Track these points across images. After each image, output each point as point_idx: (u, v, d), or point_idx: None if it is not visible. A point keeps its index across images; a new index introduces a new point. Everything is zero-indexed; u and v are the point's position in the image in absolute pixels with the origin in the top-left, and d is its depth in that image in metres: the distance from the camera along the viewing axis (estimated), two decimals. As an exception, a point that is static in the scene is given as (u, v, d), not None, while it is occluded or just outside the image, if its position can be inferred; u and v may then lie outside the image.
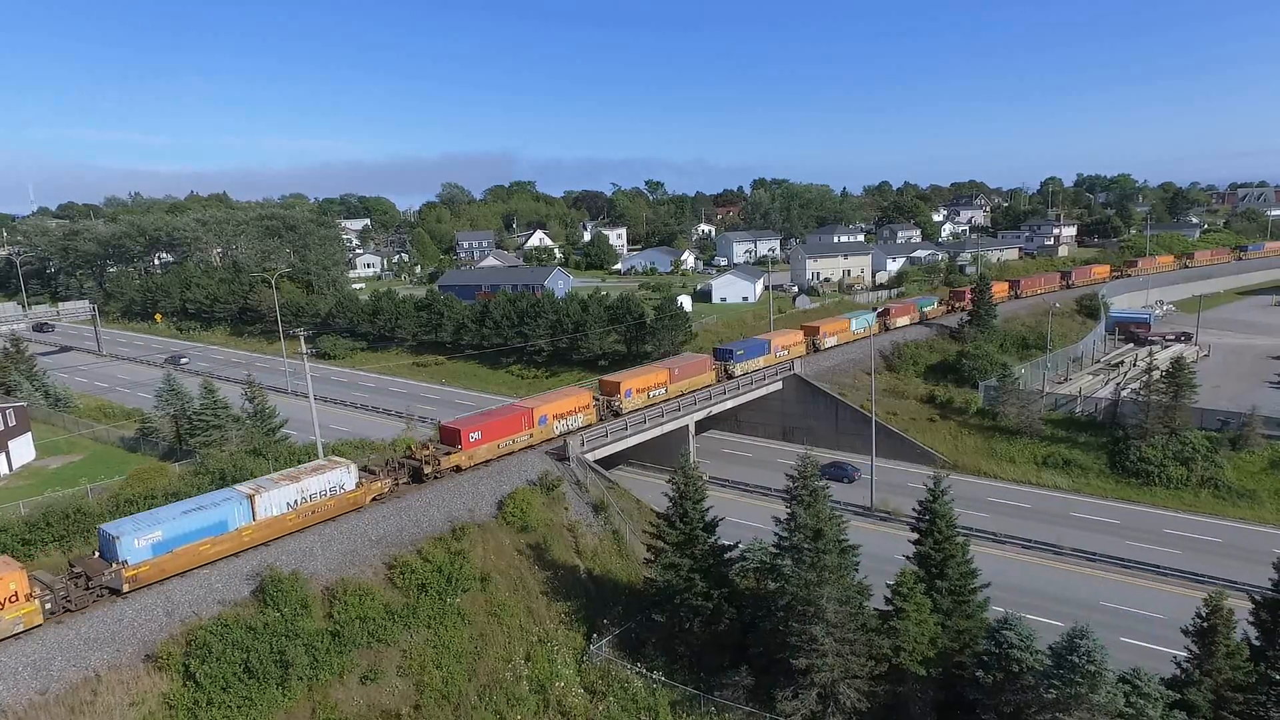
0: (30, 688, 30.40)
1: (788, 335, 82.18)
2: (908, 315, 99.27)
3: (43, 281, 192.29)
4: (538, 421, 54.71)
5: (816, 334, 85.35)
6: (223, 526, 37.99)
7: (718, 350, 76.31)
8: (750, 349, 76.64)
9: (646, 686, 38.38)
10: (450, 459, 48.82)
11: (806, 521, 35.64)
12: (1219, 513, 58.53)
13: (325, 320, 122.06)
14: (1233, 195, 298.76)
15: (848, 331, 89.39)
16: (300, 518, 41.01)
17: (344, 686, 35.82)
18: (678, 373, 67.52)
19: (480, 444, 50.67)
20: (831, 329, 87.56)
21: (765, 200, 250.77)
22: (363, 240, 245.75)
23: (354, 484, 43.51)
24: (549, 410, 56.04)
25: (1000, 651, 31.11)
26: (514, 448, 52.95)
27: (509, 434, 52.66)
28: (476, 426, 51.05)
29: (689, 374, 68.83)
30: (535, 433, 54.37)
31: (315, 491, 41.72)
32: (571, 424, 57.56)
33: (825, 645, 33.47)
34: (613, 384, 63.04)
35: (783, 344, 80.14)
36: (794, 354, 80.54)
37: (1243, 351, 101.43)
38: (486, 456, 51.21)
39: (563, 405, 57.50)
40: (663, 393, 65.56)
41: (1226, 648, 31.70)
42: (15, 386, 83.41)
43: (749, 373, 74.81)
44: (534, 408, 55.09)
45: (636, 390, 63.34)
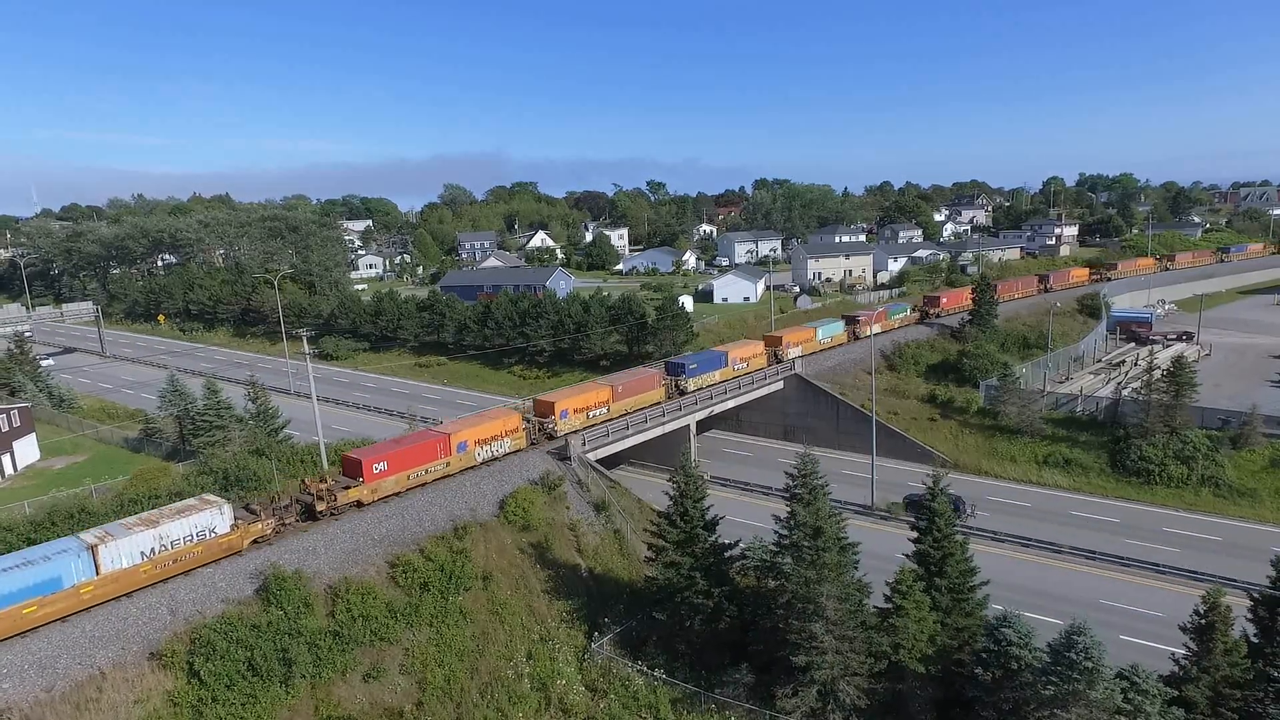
0: (36, 685, 30.68)
1: (746, 346, 77.79)
2: (878, 323, 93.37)
3: (46, 283, 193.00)
4: (455, 449, 49.26)
5: (779, 344, 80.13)
6: (55, 584, 32.92)
7: (669, 364, 71.71)
8: (704, 362, 71.98)
9: (647, 684, 38.57)
10: (350, 493, 43.90)
11: (806, 519, 35.83)
12: (1219, 511, 58.63)
13: (327, 321, 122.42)
14: (1235, 195, 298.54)
15: (813, 341, 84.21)
16: (158, 569, 36.02)
17: (347, 684, 36.07)
18: (621, 390, 62.38)
19: (386, 476, 45.44)
20: (795, 339, 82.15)
21: (766, 200, 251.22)
22: (364, 241, 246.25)
23: (228, 526, 38.68)
24: (470, 435, 50.48)
25: (999, 649, 31.28)
26: (427, 479, 47.58)
27: (421, 463, 47.33)
28: (381, 456, 45.69)
29: (635, 391, 63.77)
30: (453, 461, 49.01)
31: (179, 538, 36.76)
32: (497, 449, 52.01)
33: (825, 643, 33.65)
34: (546, 404, 57.59)
35: (741, 356, 75.65)
36: (754, 366, 76.52)
37: (1244, 350, 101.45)
38: (394, 490, 45.92)
39: (487, 429, 51.78)
40: (604, 412, 60.39)
41: (1224, 645, 31.83)
42: (20, 387, 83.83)
43: (702, 388, 70.12)
44: (451, 433, 49.62)
45: (574, 411, 58.17)
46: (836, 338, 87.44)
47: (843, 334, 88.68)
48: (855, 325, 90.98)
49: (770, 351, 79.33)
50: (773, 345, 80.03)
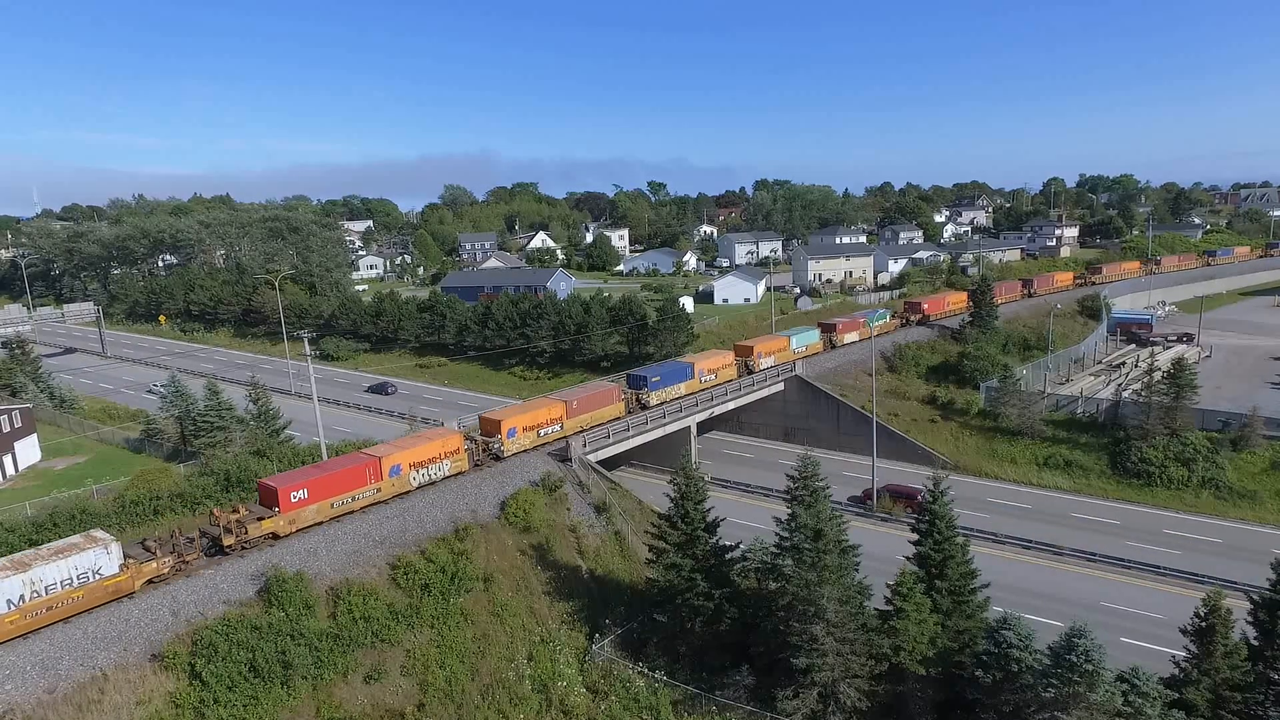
0: (39, 686, 30.72)
1: (715, 357, 74.18)
2: (856, 331, 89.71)
3: (47, 283, 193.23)
4: (387, 473, 45.57)
5: (750, 354, 76.15)
6: None
7: (630, 376, 67.85)
8: (668, 374, 68.05)
9: (648, 686, 38.64)
10: (264, 525, 40.14)
11: (807, 522, 35.88)
12: (1220, 513, 58.67)
13: (328, 322, 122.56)
14: (1235, 195, 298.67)
15: (786, 351, 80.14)
16: (27, 618, 31.98)
17: (348, 686, 36.12)
18: (576, 405, 58.55)
19: (306, 504, 41.62)
20: (768, 348, 78.29)
21: (767, 201, 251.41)
22: (365, 242, 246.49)
23: (117, 567, 34.81)
24: (404, 458, 46.66)
25: (999, 651, 31.32)
26: (354, 506, 43.93)
27: (347, 490, 43.63)
28: (301, 483, 41.85)
29: (592, 406, 60.06)
30: (384, 487, 45.29)
31: (55, 581, 32.73)
32: (435, 473, 48.22)
33: (826, 645, 33.71)
34: (492, 422, 53.51)
35: (709, 367, 71.75)
36: (723, 377, 72.66)
37: (1244, 352, 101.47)
38: (315, 519, 42.06)
39: (423, 451, 47.93)
40: (558, 429, 56.73)
41: (1225, 647, 31.87)
42: (21, 388, 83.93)
43: (666, 402, 66.36)
44: (382, 456, 45.80)
45: (523, 429, 54.36)
46: (812, 346, 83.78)
47: (818, 343, 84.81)
48: (832, 333, 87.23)
49: (741, 362, 75.53)
50: (743, 355, 76.23)
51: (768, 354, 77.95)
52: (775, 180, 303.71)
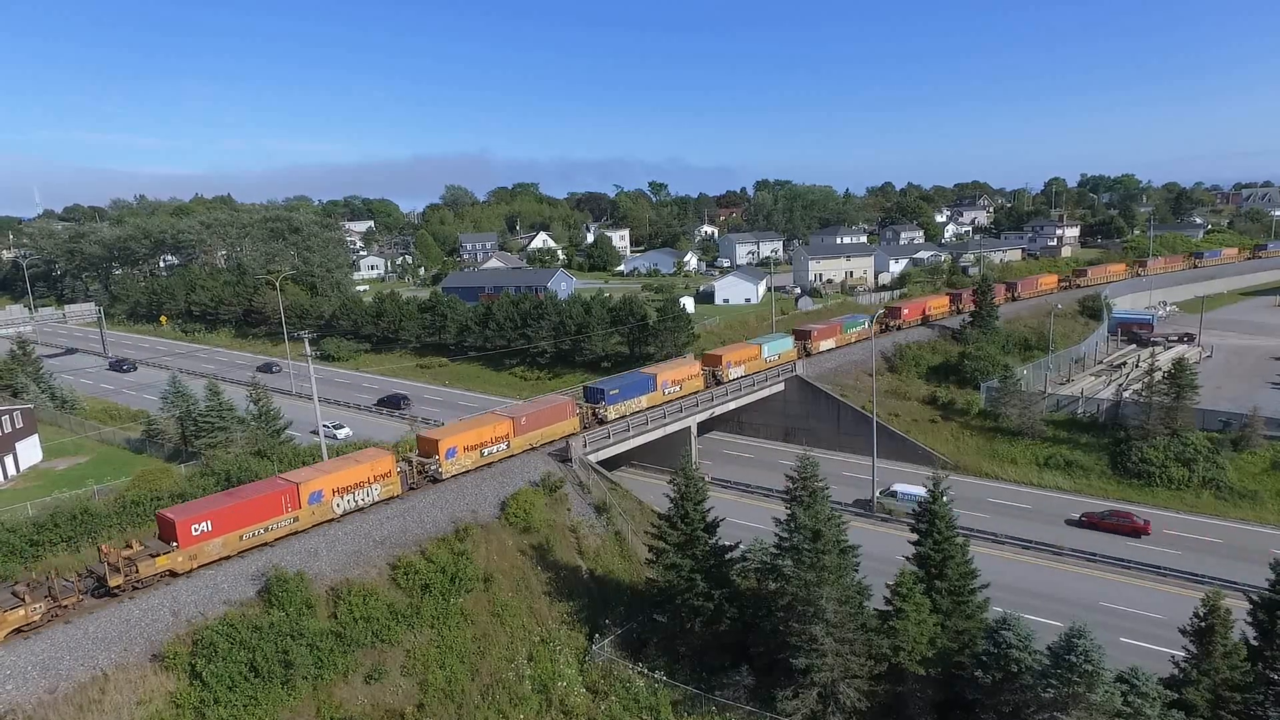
0: (39, 686, 30.80)
1: (680, 368, 69.66)
2: (832, 338, 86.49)
3: (49, 284, 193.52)
4: (306, 500, 41.96)
5: (718, 364, 72.57)
6: None
7: (587, 389, 64.08)
8: (628, 387, 64.39)
9: (648, 686, 38.69)
10: (159, 562, 36.47)
11: (806, 522, 35.88)
12: (1220, 513, 58.66)
13: (329, 322, 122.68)
14: (1237, 195, 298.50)
15: (758, 360, 76.52)
16: None
17: (348, 686, 36.19)
18: (525, 422, 54.57)
19: (210, 538, 38.15)
20: (737, 358, 74.61)
21: (768, 202, 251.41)
22: (366, 242, 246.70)
23: None
24: (327, 483, 43.11)
25: (999, 651, 31.33)
26: (268, 537, 40.31)
27: (260, 520, 40.05)
28: (204, 515, 38.30)
29: (543, 421, 56.07)
30: (303, 515, 41.77)
31: None
32: (363, 498, 44.76)
33: (825, 645, 33.75)
34: (430, 441, 49.73)
35: (673, 378, 67.75)
36: (688, 389, 68.96)
37: (1245, 352, 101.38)
38: (222, 554, 38.58)
39: (349, 475, 44.29)
40: (504, 448, 53.06)
41: (1224, 648, 31.88)
42: (22, 389, 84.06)
43: (627, 415, 62.96)
44: (301, 482, 42.04)
45: (464, 449, 50.58)
46: (785, 355, 79.92)
47: (792, 351, 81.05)
48: (806, 341, 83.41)
49: (708, 372, 71.72)
50: (711, 365, 72.62)
51: (737, 363, 74.44)
52: (776, 180, 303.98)
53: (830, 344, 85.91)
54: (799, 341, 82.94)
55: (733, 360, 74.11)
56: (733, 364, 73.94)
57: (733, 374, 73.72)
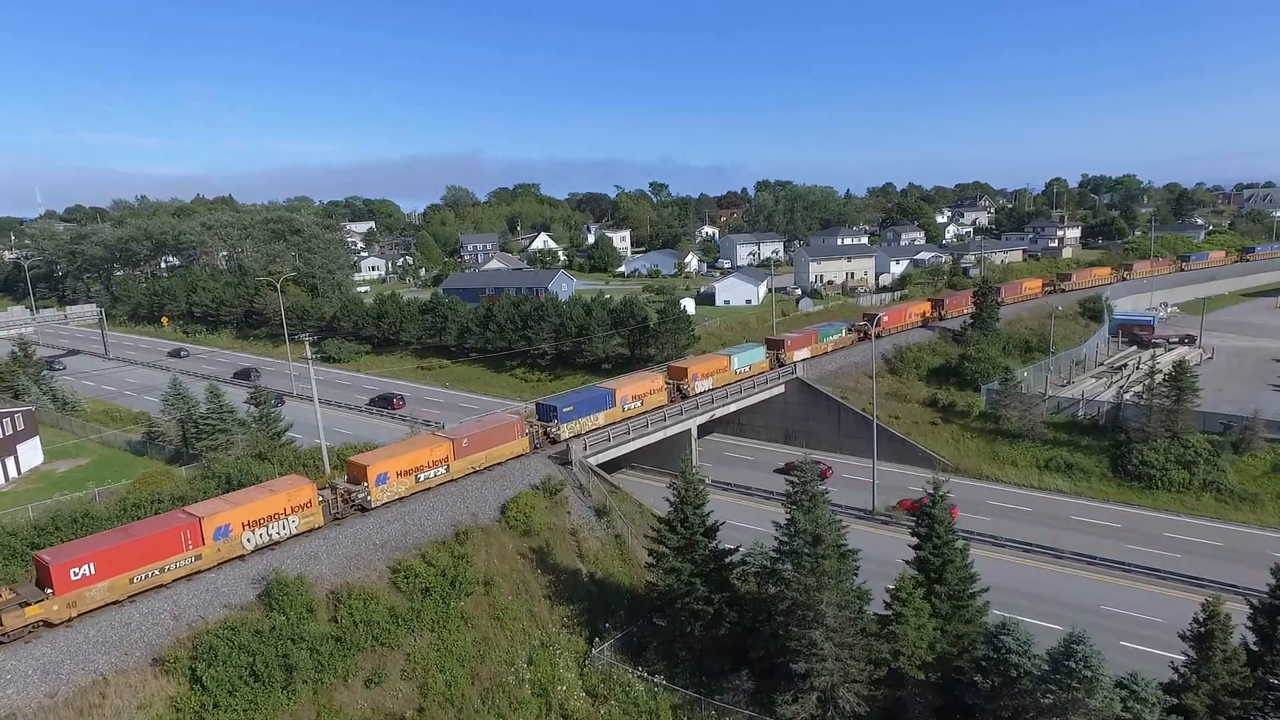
0: (39, 690, 30.87)
1: (640, 382, 66.24)
2: (807, 347, 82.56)
3: (50, 285, 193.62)
4: (211, 536, 38.31)
5: (684, 377, 69.09)
6: None
7: (540, 406, 60.31)
8: (583, 404, 60.46)
9: (648, 690, 38.73)
10: (29, 612, 32.63)
11: (806, 526, 35.91)
12: (1221, 516, 58.64)
13: (330, 323, 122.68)
14: (1238, 196, 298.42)
15: (727, 372, 72.92)
16: None
17: (348, 690, 36.24)
18: (466, 444, 50.53)
19: (92, 582, 34.32)
20: (705, 370, 71.02)
21: (769, 202, 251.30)
22: (367, 243, 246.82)
23: None
24: (235, 517, 39.40)
25: (998, 656, 31.35)
26: (165, 579, 36.69)
27: (155, 560, 36.39)
28: (86, 557, 34.34)
29: (488, 443, 52.20)
30: (206, 553, 38.10)
31: None
32: (278, 532, 40.96)
33: (825, 650, 33.75)
34: (359, 467, 45.73)
35: (633, 393, 64.12)
36: (651, 404, 65.32)
37: (1246, 354, 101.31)
38: (108, 599, 34.87)
39: (262, 507, 40.48)
40: (442, 472, 49.09)
41: (1224, 653, 31.85)
42: (23, 390, 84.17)
43: (582, 434, 59.14)
44: (205, 517, 38.41)
45: (397, 474, 46.55)
46: (757, 366, 76.47)
47: (764, 362, 77.42)
48: (780, 350, 79.60)
49: (673, 386, 68.53)
50: (676, 378, 69.33)
51: (704, 376, 70.78)
52: (776, 181, 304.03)
53: (805, 354, 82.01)
54: (772, 351, 79.38)
55: (699, 372, 70.48)
56: (699, 376, 70.30)
57: (699, 387, 70.01)
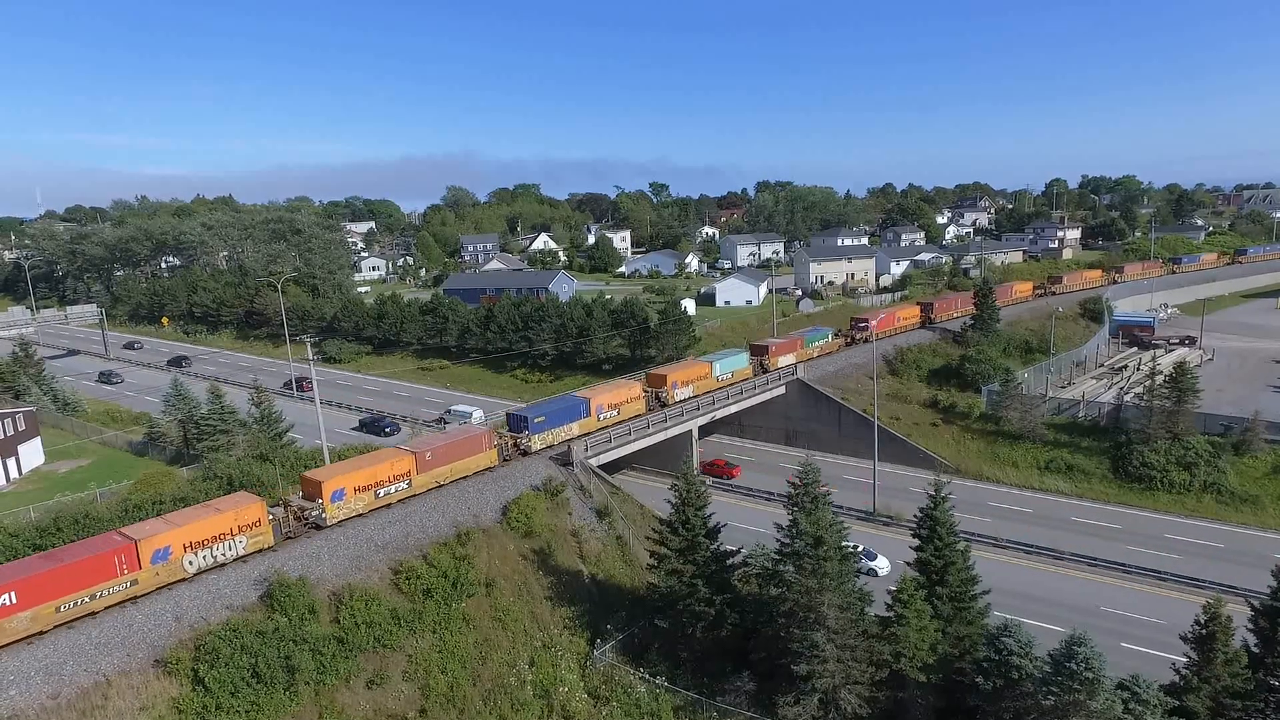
0: (42, 692, 30.89)
1: (617, 390, 64.16)
2: (792, 353, 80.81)
3: (50, 285, 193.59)
4: (149, 559, 35.84)
5: (663, 385, 67.34)
6: None
7: (511, 417, 58.06)
8: (556, 414, 58.34)
9: (650, 691, 38.77)
10: None
11: (807, 528, 35.96)
12: (1221, 518, 58.70)
13: (330, 324, 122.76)
14: (1238, 197, 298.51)
15: (709, 379, 71.31)
16: None
17: (350, 691, 36.26)
18: (431, 457, 48.50)
19: (12, 612, 32.07)
20: (685, 377, 69.09)
21: (769, 203, 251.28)
22: (367, 243, 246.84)
23: None
24: (175, 539, 36.97)
25: (1000, 658, 31.42)
26: (96, 606, 34.26)
27: (85, 587, 34.05)
28: (7, 585, 32.05)
29: (454, 455, 50.04)
30: (144, 577, 35.71)
31: None
32: (223, 553, 38.64)
33: (826, 651, 33.79)
34: (313, 483, 43.59)
35: (609, 402, 62.24)
36: (628, 413, 63.27)
37: (1247, 355, 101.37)
38: (30, 630, 32.49)
39: (206, 527, 38.13)
40: (404, 487, 46.96)
41: (1225, 655, 31.91)
42: (24, 391, 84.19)
43: (554, 445, 57.21)
44: (142, 539, 35.84)
45: (355, 489, 44.35)
46: (739, 373, 74.62)
47: (747, 368, 75.79)
48: (764, 356, 78.03)
49: (651, 394, 66.68)
50: (655, 386, 67.71)
51: (684, 383, 68.96)
52: (776, 182, 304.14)
53: (789, 359, 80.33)
54: (755, 358, 77.83)
55: (679, 380, 68.68)
56: (679, 384, 68.52)
57: (679, 395, 68.33)
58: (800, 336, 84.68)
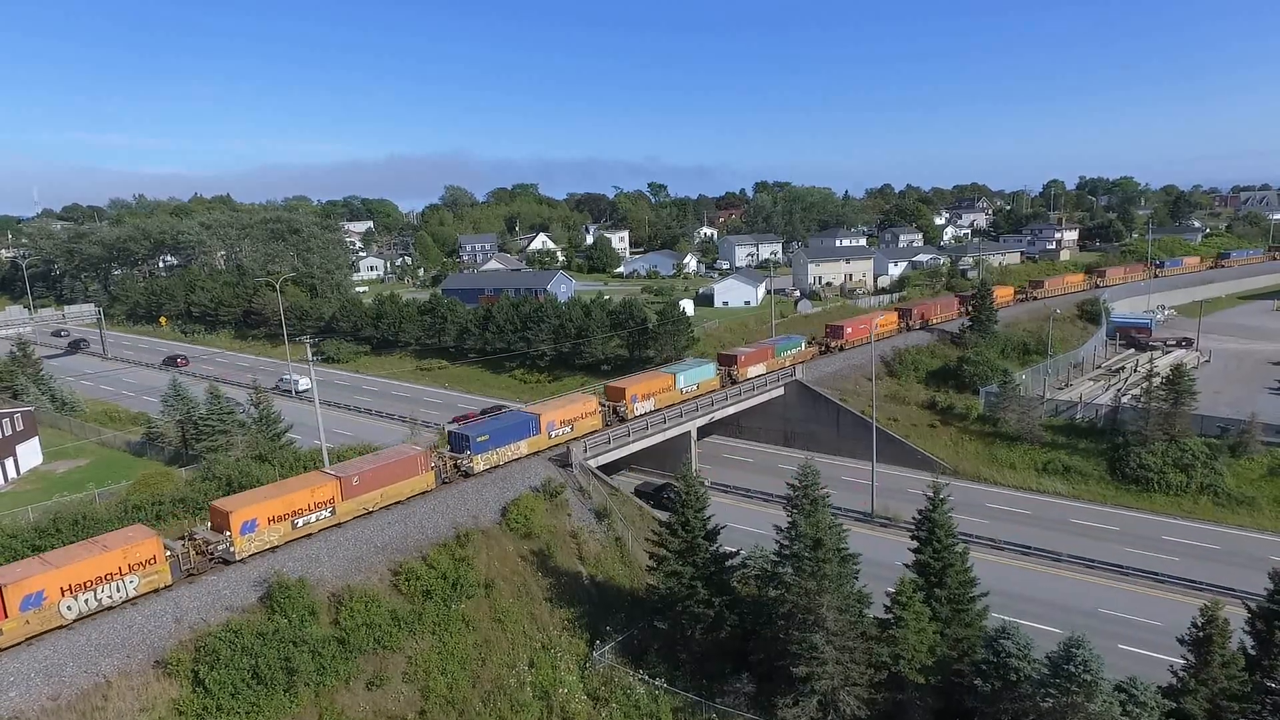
0: (42, 693, 30.89)
1: (572, 405, 59.91)
2: (762, 363, 77.54)
3: (48, 284, 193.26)
4: (18, 605, 32.24)
5: (621, 398, 63.35)
6: None
7: (452, 435, 54.16)
8: (501, 432, 53.56)
9: (649, 693, 38.85)
10: None
11: (806, 530, 36.07)
12: (1218, 520, 58.87)
13: (329, 324, 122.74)
14: (1235, 198, 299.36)
15: (671, 391, 67.40)
16: None
17: (350, 692, 36.31)
18: (359, 482, 44.27)
19: None
20: (645, 390, 65.26)
21: (767, 203, 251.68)
22: (366, 243, 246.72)
23: None
24: (51, 581, 33.33)
25: (998, 660, 31.57)
26: None
27: None
28: None
29: (384, 479, 45.65)
30: (11, 627, 32.00)
31: None
32: (110, 595, 34.90)
33: (825, 654, 33.89)
34: (221, 513, 39.80)
35: (561, 418, 57.68)
36: (582, 429, 59.15)
37: (1243, 357, 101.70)
38: None
39: (90, 567, 34.43)
40: (327, 515, 42.85)
41: (1222, 657, 32.04)
42: (22, 390, 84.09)
43: (496, 466, 52.69)
44: (9, 584, 32.26)
45: (268, 520, 40.48)
46: (705, 384, 70.99)
47: (714, 379, 72.18)
48: (732, 366, 74.51)
49: (609, 408, 62.77)
50: (613, 400, 63.72)
51: (644, 396, 65.12)
52: (775, 182, 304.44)
53: (759, 369, 76.92)
54: (723, 368, 74.26)
55: (639, 393, 64.70)
56: (639, 397, 64.57)
57: (639, 409, 64.42)
58: (771, 345, 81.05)
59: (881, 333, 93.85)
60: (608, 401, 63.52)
